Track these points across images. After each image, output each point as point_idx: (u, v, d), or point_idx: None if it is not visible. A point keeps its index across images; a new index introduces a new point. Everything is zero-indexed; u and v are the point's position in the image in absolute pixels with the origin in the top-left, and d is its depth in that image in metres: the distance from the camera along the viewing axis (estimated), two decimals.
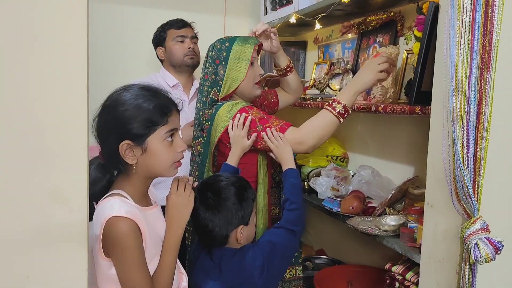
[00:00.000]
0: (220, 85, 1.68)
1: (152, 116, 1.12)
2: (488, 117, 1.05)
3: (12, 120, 0.92)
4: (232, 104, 1.63)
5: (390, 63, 1.53)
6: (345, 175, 2.05)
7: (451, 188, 1.10)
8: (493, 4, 1.03)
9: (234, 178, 1.41)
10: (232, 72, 1.66)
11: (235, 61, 1.66)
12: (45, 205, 0.95)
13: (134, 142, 1.12)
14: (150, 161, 1.15)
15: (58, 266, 0.97)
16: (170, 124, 1.16)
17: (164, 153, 1.15)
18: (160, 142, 1.14)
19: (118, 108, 1.13)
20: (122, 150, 1.12)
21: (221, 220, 1.32)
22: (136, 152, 1.13)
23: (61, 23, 0.93)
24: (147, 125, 1.12)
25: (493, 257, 1.07)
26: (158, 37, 2.24)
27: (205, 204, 1.33)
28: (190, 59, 2.21)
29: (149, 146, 1.13)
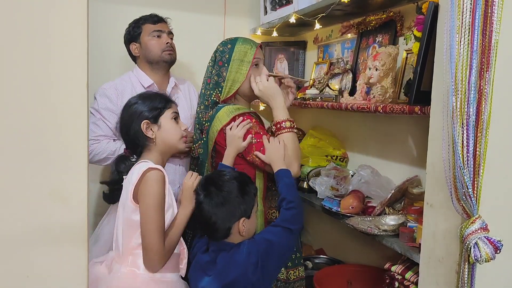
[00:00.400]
0: (222, 87, 1.69)
1: (160, 102, 1.54)
2: (487, 116, 1.05)
3: (12, 120, 0.92)
4: (233, 108, 1.64)
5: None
6: (345, 174, 2.05)
7: (450, 187, 1.10)
8: (493, 4, 1.03)
9: (236, 173, 1.46)
10: (233, 74, 1.67)
11: (236, 62, 1.67)
12: (45, 205, 0.95)
13: (151, 121, 1.51)
14: (165, 135, 1.52)
15: (58, 266, 0.97)
16: (173, 108, 1.57)
17: (173, 128, 1.54)
18: (169, 120, 1.54)
19: (134, 104, 1.54)
20: (143, 128, 1.49)
21: (224, 213, 1.37)
22: (154, 129, 1.51)
23: (61, 23, 0.93)
24: (157, 108, 1.52)
25: (493, 256, 1.07)
26: (131, 32, 2.10)
27: (208, 197, 1.39)
28: (168, 55, 2.08)
29: (162, 123, 1.52)
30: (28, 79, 0.92)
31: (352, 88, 2.05)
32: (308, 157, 2.25)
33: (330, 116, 2.44)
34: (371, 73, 1.72)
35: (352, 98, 1.90)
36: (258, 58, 1.71)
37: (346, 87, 2.09)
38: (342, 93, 2.04)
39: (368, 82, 1.75)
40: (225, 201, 1.37)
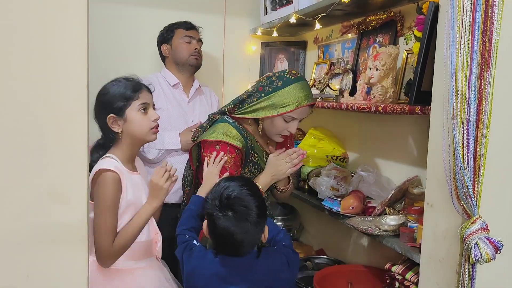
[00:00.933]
0: (243, 107, 1.67)
1: (125, 93, 1.49)
2: (488, 116, 1.05)
3: (12, 120, 0.92)
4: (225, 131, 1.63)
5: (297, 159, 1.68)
6: (345, 175, 2.05)
7: (451, 188, 1.10)
8: (493, 4, 1.03)
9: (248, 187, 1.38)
10: (258, 107, 1.63)
11: (268, 103, 1.61)
12: (45, 205, 0.95)
13: (117, 116, 1.48)
14: (131, 128, 1.50)
15: (58, 266, 0.97)
16: (142, 99, 1.51)
17: (140, 120, 1.50)
18: (136, 113, 1.50)
19: (101, 94, 1.51)
20: (109, 122, 1.48)
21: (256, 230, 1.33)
22: (120, 123, 1.49)
23: (61, 23, 0.93)
24: (123, 100, 1.48)
25: (493, 256, 1.07)
26: (164, 34, 2.26)
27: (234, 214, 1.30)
28: (195, 59, 2.24)
29: (128, 116, 1.49)
30: (28, 79, 0.92)
31: (352, 88, 2.04)
32: (308, 157, 2.25)
33: (331, 116, 2.43)
34: (372, 73, 1.72)
35: (352, 98, 1.90)
36: (294, 117, 1.62)
37: (346, 87, 2.08)
38: (343, 93, 2.04)
39: (369, 82, 1.75)
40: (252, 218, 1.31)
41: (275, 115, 1.60)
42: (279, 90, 1.60)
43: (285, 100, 1.59)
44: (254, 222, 1.31)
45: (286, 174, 1.69)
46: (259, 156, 1.72)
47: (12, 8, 0.90)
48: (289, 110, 1.58)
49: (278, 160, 1.67)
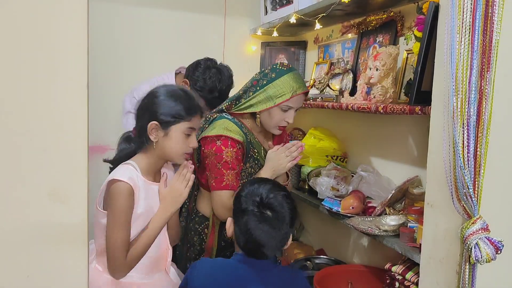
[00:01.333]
0: (240, 103, 1.70)
1: (181, 111, 1.41)
2: (488, 117, 1.05)
3: (12, 120, 0.92)
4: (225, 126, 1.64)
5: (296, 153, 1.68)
6: (345, 175, 2.05)
7: (451, 188, 1.10)
8: (493, 4, 1.03)
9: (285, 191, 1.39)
10: (255, 101, 1.66)
11: (264, 95, 1.65)
12: (45, 205, 0.95)
13: (161, 125, 1.40)
14: (167, 144, 1.42)
15: (58, 266, 0.97)
16: (192, 123, 1.44)
17: (180, 142, 1.42)
18: (180, 133, 1.42)
19: (158, 97, 1.42)
20: (149, 128, 1.40)
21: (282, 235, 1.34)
22: (159, 134, 1.41)
23: (61, 23, 0.93)
24: (175, 116, 1.40)
25: (494, 257, 1.07)
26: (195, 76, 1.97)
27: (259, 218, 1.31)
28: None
29: (171, 132, 1.41)
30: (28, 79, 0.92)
31: (352, 88, 2.04)
32: (309, 157, 2.25)
33: (331, 116, 2.43)
34: (372, 73, 1.72)
35: (352, 98, 1.90)
36: (290, 106, 1.65)
37: (346, 87, 2.08)
38: (343, 93, 2.04)
39: (369, 82, 1.75)
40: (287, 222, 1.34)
41: (272, 106, 1.64)
42: (274, 81, 1.64)
43: (280, 90, 1.63)
44: (287, 225, 1.33)
45: (286, 168, 1.68)
46: (258, 152, 1.73)
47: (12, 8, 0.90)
48: (286, 99, 1.63)
49: (277, 154, 1.67)
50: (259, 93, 1.65)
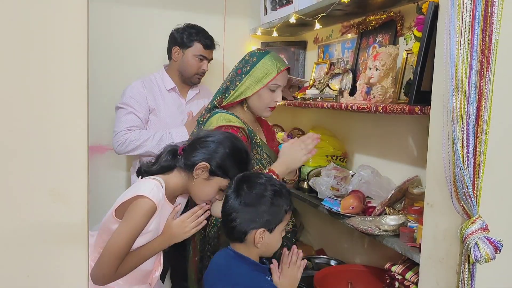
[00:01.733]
0: (229, 94, 1.71)
1: (233, 172, 1.44)
2: (487, 116, 1.05)
3: (12, 120, 0.92)
4: (224, 118, 1.64)
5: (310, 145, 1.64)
6: (345, 174, 2.05)
7: (450, 187, 1.10)
8: (493, 4, 1.03)
9: (275, 181, 1.40)
10: (244, 88, 1.68)
11: (252, 79, 1.67)
12: (45, 205, 0.95)
13: (208, 170, 1.43)
14: (201, 188, 1.46)
15: (58, 266, 0.97)
16: (228, 182, 1.45)
17: (212, 191, 1.46)
18: (218, 185, 1.46)
19: (224, 146, 1.44)
20: (199, 166, 1.42)
21: (245, 215, 1.32)
22: (202, 175, 1.44)
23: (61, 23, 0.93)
24: (226, 173, 1.44)
25: (493, 256, 1.07)
26: (182, 39, 2.20)
27: (236, 193, 1.35)
28: (198, 79, 2.27)
29: (212, 180, 1.45)
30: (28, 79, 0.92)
31: (352, 88, 2.05)
32: None
33: (330, 116, 2.43)
34: (371, 73, 1.72)
35: (352, 98, 1.90)
36: (277, 84, 1.69)
37: (346, 87, 2.09)
38: (342, 93, 2.04)
39: (368, 82, 1.75)
40: (249, 203, 1.32)
41: (262, 87, 1.67)
42: (257, 64, 1.68)
43: (265, 70, 1.67)
44: (244, 202, 1.32)
45: (302, 162, 1.63)
46: (259, 139, 1.75)
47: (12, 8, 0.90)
48: (273, 77, 1.67)
49: (292, 148, 1.62)
50: (246, 79, 1.68)
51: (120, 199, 1.40)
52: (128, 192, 1.40)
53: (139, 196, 1.35)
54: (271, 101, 1.71)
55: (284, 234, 1.43)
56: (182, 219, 1.46)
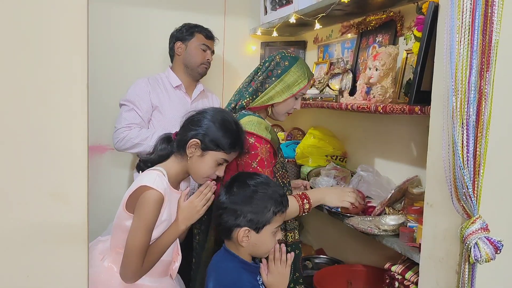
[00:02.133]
0: (258, 96, 1.65)
1: (224, 143, 1.44)
2: (487, 116, 1.05)
3: (12, 120, 0.92)
4: (256, 122, 1.58)
5: (358, 202, 1.70)
6: (345, 174, 2.05)
7: (450, 187, 1.10)
8: (493, 4, 1.03)
9: (270, 182, 1.41)
10: (273, 92, 1.63)
11: (283, 85, 1.63)
12: (45, 205, 0.95)
13: (201, 146, 1.44)
14: (198, 165, 1.46)
15: (58, 266, 0.97)
16: (229, 156, 1.48)
17: (209, 166, 1.46)
18: (213, 160, 1.45)
19: (211, 120, 1.46)
20: (190, 143, 1.43)
21: (230, 212, 1.35)
22: (196, 152, 1.44)
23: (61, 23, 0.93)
24: (216, 145, 1.44)
25: (493, 256, 1.07)
26: (183, 33, 2.25)
27: (227, 190, 1.39)
28: (205, 69, 2.28)
29: (206, 156, 1.45)
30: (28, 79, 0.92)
31: (352, 88, 2.05)
32: (308, 157, 2.26)
33: (330, 116, 2.44)
34: (371, 73, 1.72)
35: (352, 98, 1.90)
36: (302, 94, 1.70)
37: (346, 87, 2.09)
38: (342, 93, 2.04)
39: (368, 82, 1.75)
40: (235, 201, 1.35)
41: (292, 95, 1.64)
42: (289, 69, 1.64)
43: (297, 78, 1.64)
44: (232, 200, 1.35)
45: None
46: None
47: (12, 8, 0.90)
48: (303, 86, 1.65)
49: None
50: (276, 83, 1.63)
51: (126, 194, 1.41)
52: (133, 186, 1.41)
53: (143, 187, 1.36)
54: (291, 108, 1.70)
55: (279, 237, 1.43)
56: (191, 200, 1.47)
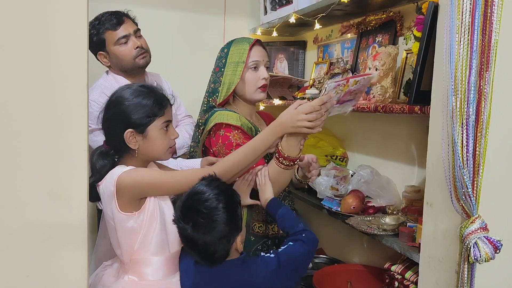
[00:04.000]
0: (218, 91, 1.68)
1: (151, 109, 1.33)
2: (487, 116, 1.05)
3: (12, 120, 0.92)
4: (223, 115, 1.59)
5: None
6: (345, 174, 2.05)
7: (450, 187, 1.10)
8: (492, 4, 1.03)
9: (215, 189, 1.27)
10: (229, 77, 1.65)
11: (232, 65, 1.65)
12: (45, 204, 0.95)
13: (137, 130, 1.32)
14: (149, 147, 1.35)
15: (58, 266, 0.97)
16: (166, 116, 1.37)
17: (161, 139, 1.36)
18: (158, 131, 1.35)
19: (122, 103, 1.34)
20: (126, 137, 1.32)
21: (220, 239, 1.25)
22: (138, 139, 1.33)
23: (61, 23, 0.93)
24: (148, 116, 1.33)
25: (493, 256, 1.07)
26: (95, 41, 1.87)
27: (196, 229, 1.24)
28: (143, 59, 1.92)
29: (149, 133, 1.34)
30: (28, 79, 0.92)
31: None
32: None
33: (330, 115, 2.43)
34: (371, 73, 1.72)
35: None
36: (256, 60, 1.65)
37: None
38: None
39: None
40: (216, 227, 1.23)
41: (244, 68, 1.63)
42: (228, 53, 1.68)
43: (238, 51, 1.66)
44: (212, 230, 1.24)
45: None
46: None
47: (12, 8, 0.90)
48: (248, 52, 1.64)
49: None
50: (226, 70, 1.66)
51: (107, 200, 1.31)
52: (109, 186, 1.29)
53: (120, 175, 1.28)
54: (258, 80, 1.66)
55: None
56: (302, 110, 1.34)
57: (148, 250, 1.33)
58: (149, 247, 1.33)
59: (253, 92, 1.67)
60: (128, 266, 1.35)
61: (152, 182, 1.32)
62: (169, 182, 1.34)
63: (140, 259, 1.33)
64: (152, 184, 1.32)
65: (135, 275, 1.34)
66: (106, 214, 1.35)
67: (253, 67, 1.66)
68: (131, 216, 1.30)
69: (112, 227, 1.34)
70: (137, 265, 1.33)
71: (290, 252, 1.32)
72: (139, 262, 1.33)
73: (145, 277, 1.34)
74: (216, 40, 2.67)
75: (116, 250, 1.38)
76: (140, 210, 1.31)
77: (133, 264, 1.34)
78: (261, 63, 1.67)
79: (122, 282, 1.34)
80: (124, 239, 1.33)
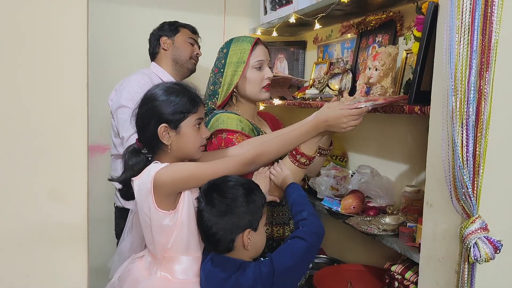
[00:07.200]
0: (218, 93, 1.65)
1: (185, 105, 1.36)
2: (487, 116, 1.05)
3: (12, 120, 0.92)
4: (225, 118, 1.57)
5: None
6: (345, 174, 2.05)
7: (450, 187, 1.10)
8: (493, 4, 1.03)
9: (243, 180, 1.35)
10: (229, 78, 1.62)
11: (232, 66, 1.62)
12: (45, 204, 0.95)
13: (170, 126, 1.35)
14: (182, 143, 1.38)
15: (58, 266, 0.97)
16: (199, 113, 1.40)
17: (193, 136, 1.38)
18: (191, 127, 1.37)
19: (157, 99, 1.37)
20: (160, 132, 1.34)
21: (227, 223, 1.26)
22: (171, 134, 1.36)
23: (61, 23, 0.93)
24: (182, 112, 1.36)
25: (493, 256, 1.07)
26: (168, 28, 2.13)
27: (210, 204, 1.28)
28: (194, 64, 2.19)
29: (182, 130, 1.36)
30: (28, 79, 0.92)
31: (352, 88, 2.04)
32: None
33: None
34: (371, 73, 1.72)
35: (352, 98, 1.90)
36: (259, 59, 1.62)
37: (346, 87, 2.09)
38: (342, 93, 2.04)
39: (368, 82, 1.75)
40: (228, 210, 1.26)
41: (245, 67, 1.61)
42: (228, 53, 1.64)
43: (239, 52, 1.62)
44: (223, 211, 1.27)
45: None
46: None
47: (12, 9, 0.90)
48: (249, 53, 1.61)
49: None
50: (226, 70, 1.63)
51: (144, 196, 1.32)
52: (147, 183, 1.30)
53: (158, 172, 1.29)
54: (261, 80, 1.64)
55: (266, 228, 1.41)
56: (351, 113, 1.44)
57: (180, 249, 1.35)
58: (181, 246, 1.35)
59: (257, 92, 1.66)
60: (161, 263, 1.37)
61: (189, 174, 1.34)
62: (206, 173, 1.35)
63: (172, 257, 1.35)
64: (190, 176, 1.34)
65: (167, 272, 1.36)
66: (142, 211, 1.36)
67: (258, 67, 1.63)
68: (167, 214, 1.32)
69: (147, 224, 1.35)
70: (169, 263, 1.36)
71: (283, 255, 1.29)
72: (171, 260, 1.35)
73: (175, 275, 1.36)
74: (216, 40, 2.67)
75: (149, 245, 1.41)
76: (176, 209, 1.33)
77: (166, 261, 1.36)
78: (265, 63, 1.66)
79: (156, 278, 1.36)
80: (158, 236, 1.35)
